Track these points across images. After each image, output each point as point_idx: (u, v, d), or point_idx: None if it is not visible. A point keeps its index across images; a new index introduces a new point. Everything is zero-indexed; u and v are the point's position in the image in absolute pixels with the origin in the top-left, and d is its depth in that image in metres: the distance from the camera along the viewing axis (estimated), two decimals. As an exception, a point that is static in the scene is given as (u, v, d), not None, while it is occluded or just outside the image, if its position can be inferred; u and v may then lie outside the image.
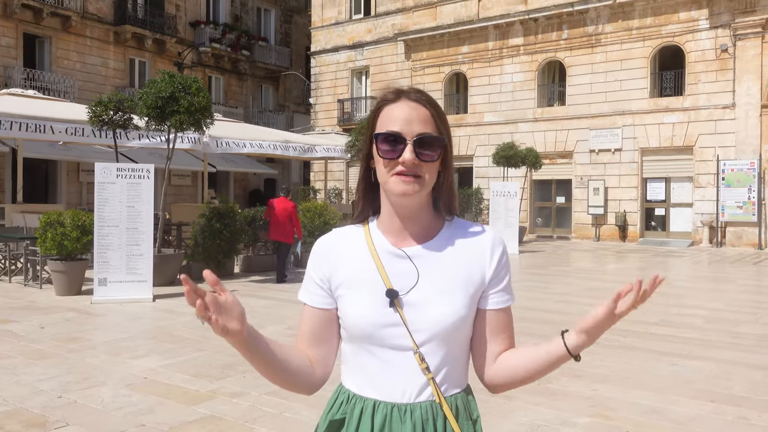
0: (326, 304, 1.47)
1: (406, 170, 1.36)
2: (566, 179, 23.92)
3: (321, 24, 30.51)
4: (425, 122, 1.39)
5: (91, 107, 10.95)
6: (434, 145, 1.39)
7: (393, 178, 1.38)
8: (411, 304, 1.39)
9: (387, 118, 1.40)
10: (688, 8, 21.39)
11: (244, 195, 31.79)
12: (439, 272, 1.41)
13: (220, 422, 4.41)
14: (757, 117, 20.16)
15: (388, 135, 1.38)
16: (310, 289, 1.49)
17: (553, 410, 4.66)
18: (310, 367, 1.46)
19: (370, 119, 1.45)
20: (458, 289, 1.40)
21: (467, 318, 1.41)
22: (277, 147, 17.47)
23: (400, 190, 1.37)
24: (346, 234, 1.50)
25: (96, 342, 6.85)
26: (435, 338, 1.38)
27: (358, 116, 28.00)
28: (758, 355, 6.41)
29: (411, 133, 1.37)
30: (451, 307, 1.38)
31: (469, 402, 1.45)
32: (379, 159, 1.40)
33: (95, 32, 26.43)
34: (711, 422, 4.45)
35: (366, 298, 1.40)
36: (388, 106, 1.42)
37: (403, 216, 1.43)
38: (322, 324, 1.48)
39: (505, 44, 24.98)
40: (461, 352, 1.44)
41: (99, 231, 9.46)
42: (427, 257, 1.42)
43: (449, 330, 1.38)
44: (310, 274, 1.50)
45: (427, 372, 1.38)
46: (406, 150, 1.36)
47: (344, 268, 1.45)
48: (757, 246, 19.97)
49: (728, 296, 10.48)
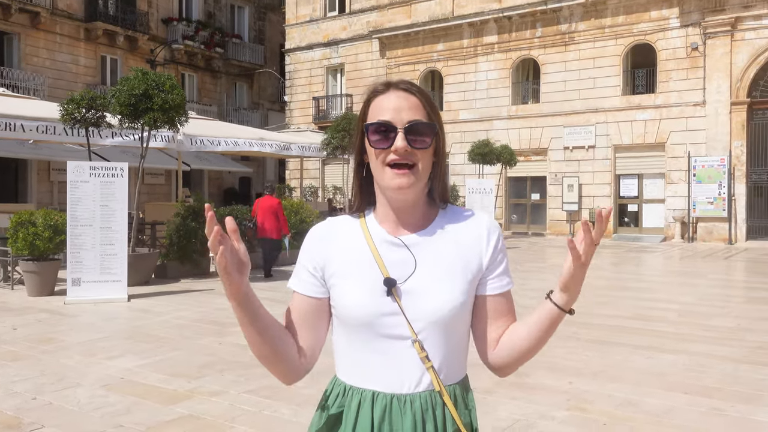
0: (317, 292, 1.45)
1: (400, 159, 1.35)
2: (541, 176, 24.12)
3: (295, 21, 30.38)
4: (415, 109, 1.38)
5: (63, 105, 10.79)
6: (426, 131, 1.38)
7: (387, 172, 1.37)
8: (409, 292, 1.38)
9: (377, 109, 1.39)
10: (659, 7, 21.67)
11: (219, 193, 31.57)
12: (437, 260, 1.40)
13: (199, 421, 4.38)
14: (727, 114, 20.50)
15: (379, 124, 1.37)
16: (302, 277, 1.47)
17: (531, 404, 4.70)
18: (295, 352, 1.43)
19: (361, 112, 1.44)
20: (456, 276, 1.40)
21: (465, 305, 1.40)
22: (253, 145, 17.37)
23: (396, 184, 1.36)
24: (342, 223, 1.49)
25: (70, 342, 6.76)
26: (433, 326, 1.37)
27: (333, 114, 27.93)
28: (729, 347, 6.53)
29: (401, 121, 1.36)
30: (449, 294, 1.38)
31: (466, 393, 1.45)
32: (371, 150, 1.39)
33: (65, 29, 26.03)
34: (685, 414, 4.52)
35: (363, 287, 1.39)
36: (377, 98, 1.41)
37: (399, 208, 1.42)
38: (311, 312, 1.46)
39: (479, 42, 25.09)
40: (460, 341, 1.43)
41: (72, 230, 9.33)
42: (423, 245, 1.41)
43: (448, 318, 1.37)
44: (302, 261, 1.48)
45: (427, 360, 1.37)
46: (398, 138, 1.35)
47: (340, 257, 1.43)
48: (727, 241, 20.32)
49: (700, 290, 10.65)
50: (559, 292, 1.36)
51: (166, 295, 9.89)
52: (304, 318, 1.46)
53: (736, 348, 6.51)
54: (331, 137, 17.38)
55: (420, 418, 1.36)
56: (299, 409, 4.58)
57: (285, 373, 1.45)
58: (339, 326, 1.45)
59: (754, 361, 5.98)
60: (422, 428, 1.36)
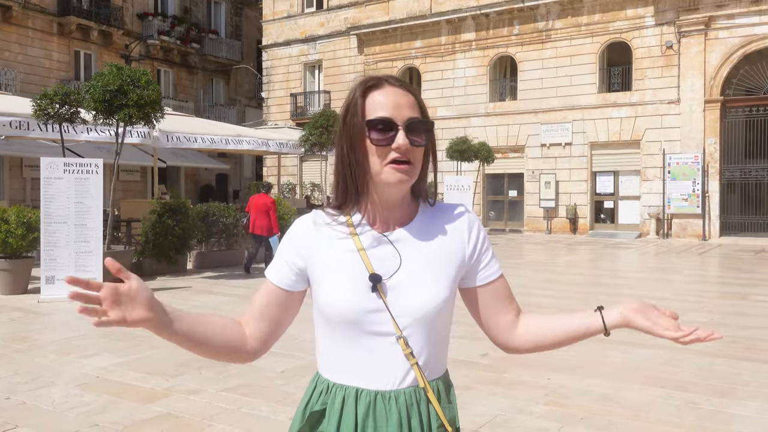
0: (290, 286, 1.44)
1: (401, 156, 1.34)
2: (518, 173, 24.25)
3: (273, 17, 30.21)
4: (412, 107, 1.37)
5: (36, 100, 10.61)
6: (422, 130, 1.37)
7: (387, 168, 1.35)
8: (394, 288, 1.37)
9: (374, 105, 1.36)
10: (634, 5, 21.88)
11: (196, 190, 31.30)
12: (420, 255, 1.40)
13: (177, 420, 4.34)
14: (701, 112, 20.77)
15: (380, 121, 1.34)
16: (280, 269, 1.45)
17: (509, 399, 4.73)
18: (239, 341, 1.43)
19: (352, 107, 1.39)
20: (439, 271, 1.40)
21: (449, 300, 1.40)
22: (230, 141, 17.24)
23: (396, 179, 1.35)
24: (326, 216, 1.46)
25: (44, 341, 6.66)
26: (418, 323, 1.36)
27: (311, 110, 27.82)
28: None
29: (402, 118, 1.35)
30: (434, 290, 1.37)
31: (448, 388, 1.45)
32: (372, 148, 1.36)
33: (38, 23, 25.61)
34: (661, 407, 4.58)
35: (348, 283, 1.37)
36: (373, 92, 1.38)
37: (387, 203, 1.41)
38: (276, 304, 1.44)
39: (457, 39, 25.15)
40: (442, 336, 1.43)
41: (46, 228, 9.19)
42: (408, 241, 1.41)
43: (433, 313, 1.37)
44: (283, 253, 1.46)
45: (412, 357, 1.36)
46: (399, 135, 1.34)
47: (324, 252, 1.41)
48: (701, 237, 20.60)
49: (675, 286, 10.78)
50: (615, 317, 1.40)
51: (143, 293, 9.77)
52: (268, 308, 1.45)
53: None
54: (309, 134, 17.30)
55: (405, 414, 1.35)
56: (278, 406, 4.55)
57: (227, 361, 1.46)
58: (322, 323, 1.43)
59: (728, 355, 6.07)
60: (407, 424, 1.35)
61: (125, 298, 1.21)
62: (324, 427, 1.39)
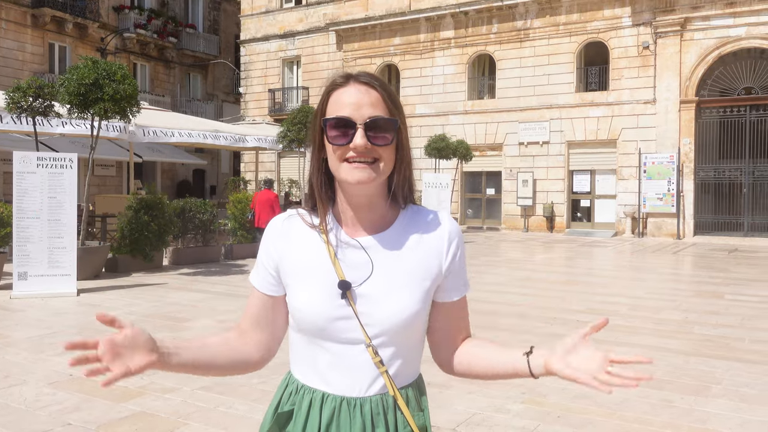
0: (273, 291, 1.43)
1: (358, 156, 1.30)
2: (496, 171, 24.35)
3: (251, 12, 30.00)
4: (376, 105, 1.32)
5: (9, 93, 10.43)
6: (387, 127, 1.33)
7: (344, 165, 1.31)
8: (364, 296, 1.34)
9: (336, 104, 1.33)
10: (612, 6, 22.06)
11: (173, 186, 31.03)
12: (394, 264, 1.36)
13: (152, 419, 4.29)
14: (676, 112, 21.01)
15: (338, 120, 1.31)
16: (260, 274, 1.44)
17: (486, 398, 4.74)
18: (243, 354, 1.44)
19: (319, 106, 1.38)
20: (413, 282, 1.36)
21: (421, 312, 1.37)
22: (207, 137, 17.11)
23: (355, 178, 1.30)
24: (300, 219, 1.43)
25: (16, 338, 6.55)
26: (388, 332, 1.34)
27: (289, 106, 27.70)
28: (678, 340, 6.69)
29: (361, 117, 1.30)
30: (406, 301, 1.34)
31: (420, 395, 1.43)
32: (329, 146, 1.33)
33: (11, 14, 25.18)
34: (637, 405, 4.62)
35: (317, 289, 1.35)
36: (336, 91, 1.35)
37: (358, 205, 1.37)
38: (268, 310, 1.44)
39: (436, 37, 25.18)
40: (414, 345, 1.41)
41: (18, 223, 9.04)
42: (382, 248, 1.37)
43: (402, 324, 1.34)
44: (261, 257, 1.45)
45: (381, 365, 1.34)
46: (357, 135, 1.30)
47: (295, 256, 1.39)
48: (675, 236, 20.85)
49: (649, 284, 10.90)
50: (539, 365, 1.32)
51: (117, 290, 9.67)
52: (260, 314, 1.45)
53: (685, 341, 6.68)
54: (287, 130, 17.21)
55: (369, 423, 1.33)
56: (255, 404, 4.52)
57: (241, 373, 1.48)
58: (293, 325, 1.42)
59: (702, 353, 6.15)
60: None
61: (124, 348, 1.21)
62: (291, 428, 1.38)
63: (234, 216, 14.22)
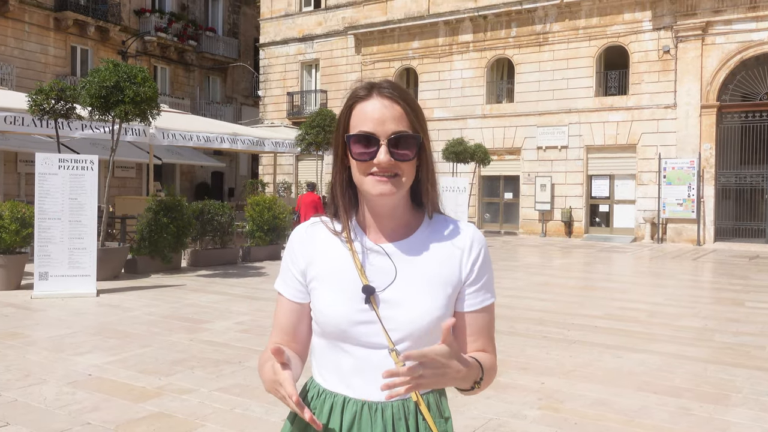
0: (301, 298, 1.44)
1: (382, 171, 1.32)
2: (514, 175, 24.26)
3: (270, 15, 30.16)
4: (399, 120, 1.34)
5: (31, 95, 10.56)
6: (409, 143, 1.34)
7: (368, 178, 1.33)
8: (387, 301, 1.35)
9: (359, 118, 1.35)
10: (632, 10, 21.92)
11: (191, 188, 31.24)
12: (417, 270, 1.38)
13: (169, 419, 4.32)
14: (697, 117, 20.81)
15: (361, 136, 1.33)
16: (287, 281, 1.45)
17: (503, 403, 4.72)
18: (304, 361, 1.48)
19: (342, 117, 1.39)
20: (435, 288, 1.37)
21: (443, 318, 1.37)
22: (225, 140, 17.22)
23: (378, 191, 1.33)
24: (325, 226, 1.46)
25: (37, 338, 6.63)
26: (410, 337, 1.34)
27: (307, 110, 27.80)
28: (697, 348, 6.62)
29: (385, 133, 1.32)
30: (428, 306, 1.35)
31: (442, 400, 1.43)
32: (353, 161, 1.35)
33: (34, 18, 25.51)
34: (655, 413, 4.57)
35: (341, 293, 1.37)
36: (359, 104, 1.36)
37: (381, 213, 1.40)
38: (299, 318, 1.45)
39: (454, 41, 25.15)
40: None
41: (40, 224, 9.15)
42: (405, 254, 1.39)
43: (424, 329, 1.35)
44: (287, 263, 1.46)
45: None
46: (381, 151, 1.31)
47: (320, 261, 1.41)
48: (695, 242, 20.64)
49: (669, 291, 10.80)
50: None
51: (136, 291, 9.75)
52: (293, 323, 1.45)
53: (705, 348, 6.60)
54: (305, 133, 17.30)
55: (391, 427, 1.34)
56: (270, 407, 4.53)
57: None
58: (317, 330, 1.43)
59: (722, 361, 6.08)
60: None
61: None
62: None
63: (252, 218, 14.28)
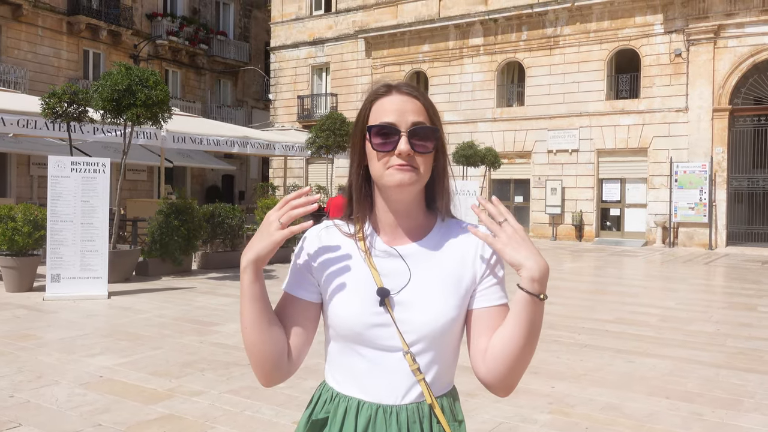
0: (309, 297, 1.42)
1: (403, 163, 1.32)
2: (524, 179, 24.21)
3: (281, 19, 30.26)
4: (418, 113, 1.35)
5: (44, 99, 10.65)
6: (429, 135, 1.35)
7: (388, 170, 1.33)
8: (402, 303, 1.35)
9: (379, 111, 1.36)
10: (643, 13, 21.84)
11: (202, 191, 31.37)
12: (431, 272, 1.37)
13: (180, 421, 4.33)
14: (709, 120, 20.70)
15: (382, 127, 1.33)
16: (296, 279, 1.43)
17: (513, 407, 4.70)
18: (286, 351, 1.39)
19: (361, 115, 1.40)
20: (449, 289, 1.36)
21: (457, 319, 1.37)
22: (236, 144, 17.29)
23: (397, 180, 1.32)
24: (338, 227, 1.45)
25: (49, 340, 6.67)
26: (425, 339, 1.34)
27: (318, 113, 27.86)
28: (709, 352, 6.58)
29: (405, 124, 1.33)
30: (442, 307, 1.35)
31: (455, 404, 1.42)
32: (373, 153, 1.35)
33: (47, 22, 25.72)
34: (666, 418, 4.55)
35: (355, 296, 1.36)
36: (379, 100, 1.38)
37: (397, 212, 1.39)
38: (302, 316, 1.42)
39: (465, 44, 25.14)
40: (451, 354, 1.40)
41: (52, 226, 9.21)
42: (419, 256, 1.39)
43: (440, 331, 1.34)
44: (298, 263, 1.44)
45: (419, 373, 1.34)
46: (401, 141, 1.32)
47: (334, 263, 1.40)
48: (707, 246, 20.52)
49: (680, 295, 10.73)
50: (520, 280, 1.31)
51: (147, 293, 9.79)
52: (294, 320, 1.42)
53: (717, 353, 6.56)
54: (315, 136, 17.32)
55: (405, 431, 1.33)
56: (281, 409, 4.54)
57: (269, 372, 1.39)
58: (330, 332, 1.42)
59: (734, 366, 6.03)
60: None
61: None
62: None
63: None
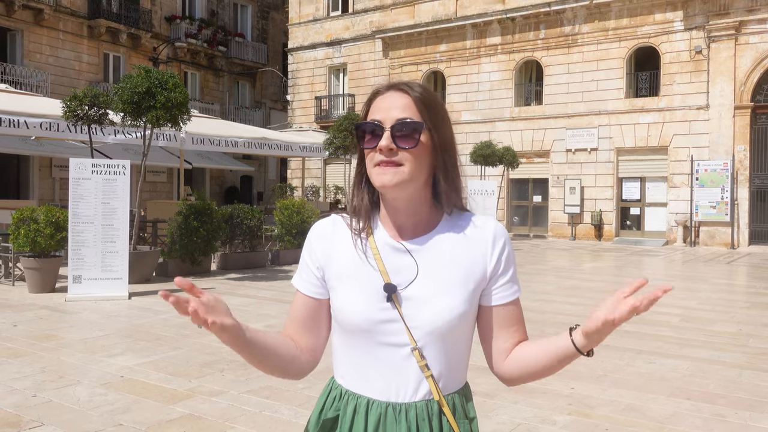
0: (318, 293, 1.43)
1: (386, 158, 1.31)
2: (543, 178, 24.09)
3: (298, 20, 30.37)
4: (405, 108, 1.33)
5: (66, 102, 10.77)
6: (411, 130, 1.32)
7: (375, 169, 1.33)
8: (409, 299, 1.34)
9: (372, 110, 1.37)
10: (663, 10, 21.64)
11: (221, 192, 31.56)
12: (439, 267, 1.36)
13: (199, 421, 4.36)
14: (730, 118, 20.46)
15: (367, 124, 1.34)
16: (304, 276, 1.44)
17: (532, 408, 4.68)
18: (297, 354, 1.42)
19: (361, 115, 1.41)
20: (458, 284, 1.36)
21: (467, 314, 1.36)
22: (254, 145, 17.37)
23: (379, 182, 1.32)
24: (345, 222, 1.44)
25: (71, 340, 6.74)
26: (433, 335, 1.33)
27: (335, 114, 27.93)
28: (732, 353, 6.50)
29: (390, 120, 1.32)
30: (450, 302, 1.34)
31: (466, 401, 1.41)
32: (364, 151, 1.36)
33: (68, 26, 26.03)
34: (688, 419, 4.50)
35: (362, 292, 1.35)
36: (376, 99, 1.38)
37: (399, 208, 1.38)
38: (313, 313, 1.44)
39: (482, 43, 25.07)
40: (461, 350, 1.39)
41: (73, 228, 9.31)
42: (426, 251, 1.37)
43: (448, 327, 1.33)
44: (305, 259, 1.45)
45: (426, 369, 1.33)
46: (384, 136, 1.31)
47: (340, 258, 1.40)
48: (729, 245, 20.28)
49: (702, 295, 10.62)
50: (581, 335, 1.31)
51: (167, 294, 9.85)
52: (305, 318, 1.44)
53: (739, 354, 6.48)
54: (333, 137, 17.35)
55: (415, 428, 1.32)
56: (300, 409, 4.56)
57: (290, 375, 1.45)
58: (337, 329, 1.42)
59: (757, 367, 5.96)
60: None
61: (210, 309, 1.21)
62: None
63: (281, 222, 14.36)
